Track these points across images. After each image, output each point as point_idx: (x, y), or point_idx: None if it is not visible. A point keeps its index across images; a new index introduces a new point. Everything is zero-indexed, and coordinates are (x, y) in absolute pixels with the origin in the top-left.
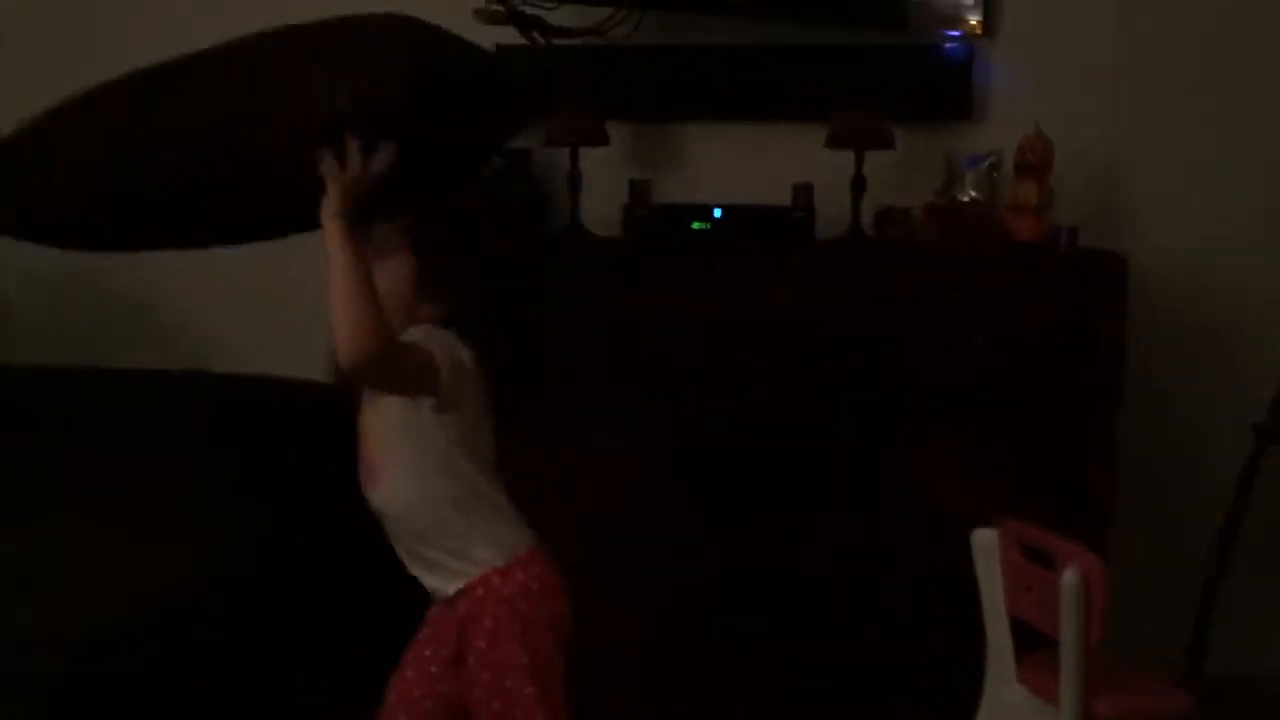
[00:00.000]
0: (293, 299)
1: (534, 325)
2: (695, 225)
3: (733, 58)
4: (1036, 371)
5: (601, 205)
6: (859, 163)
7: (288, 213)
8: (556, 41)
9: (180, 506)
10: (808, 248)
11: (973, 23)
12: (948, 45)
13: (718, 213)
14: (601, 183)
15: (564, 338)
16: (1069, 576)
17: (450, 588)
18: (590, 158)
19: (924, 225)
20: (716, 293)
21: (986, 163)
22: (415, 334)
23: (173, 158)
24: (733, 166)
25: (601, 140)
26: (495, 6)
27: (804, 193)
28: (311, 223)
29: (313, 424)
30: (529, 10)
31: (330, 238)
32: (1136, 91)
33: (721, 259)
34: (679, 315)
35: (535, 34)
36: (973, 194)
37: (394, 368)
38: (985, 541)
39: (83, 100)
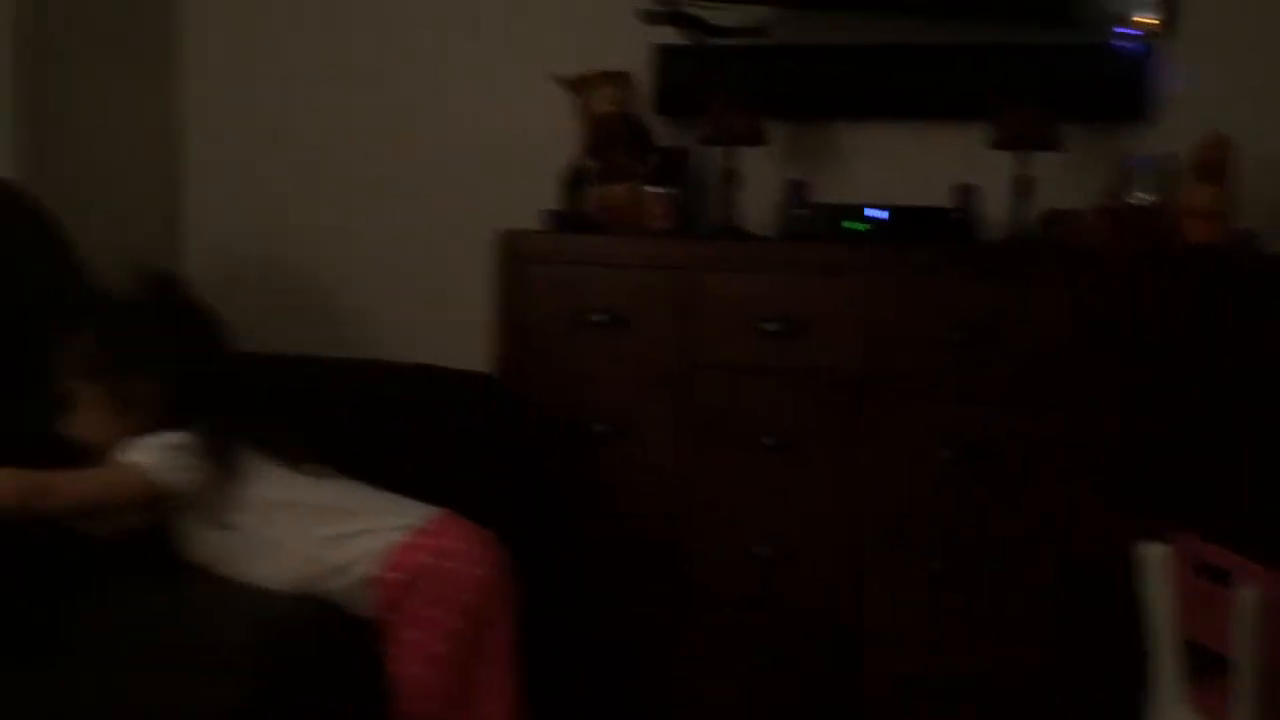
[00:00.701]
0: (453, 295)
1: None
2: (853, 226)
3: (893, 56)
4: (1208, 379)
5: (758, 205)
6: (1024, 164)
7: None
8: (715, 41)
9: None
10: (969, 249)
11: (1148, 20)
12: (1120, 43)
13: (876, 213)
14: (758, 182)
15: (722, 341)
16: (1247, 596)
17: None
18: (747, 157)
19: (1094, 228)
20: (875, 295)
21: (1161, 165)
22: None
23: None
24: (892, 167)
25: (759, 139)
26: (657, 7)
27: (966, 194)
28: None
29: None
30: (690, 10)
31: None
32: None
33: (879, 261)
34: (837, 318)
35: (695, 33)
36: (1146, 197)
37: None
38: (1155, 556)
39: None
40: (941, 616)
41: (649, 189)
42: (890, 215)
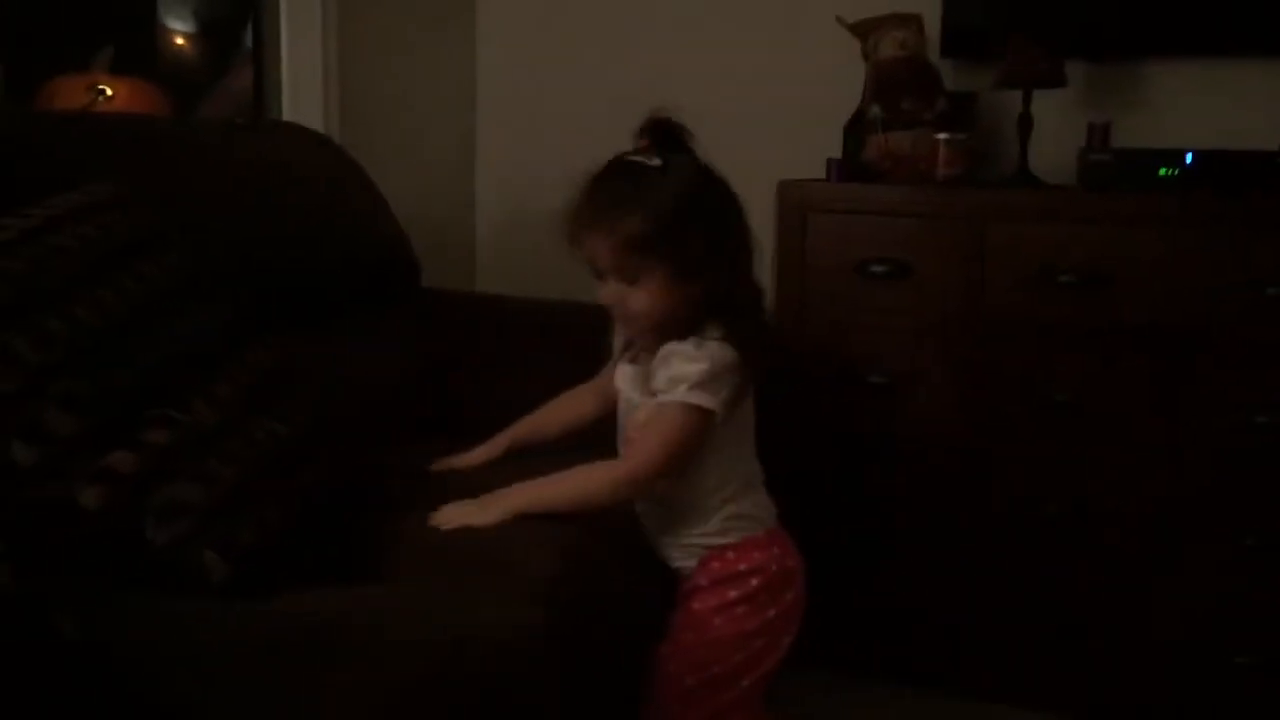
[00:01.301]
0: None
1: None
2: (1163, 172)
3: None
4: None
5: (1054, 151)
6: None
7: None
8: None
9: None
10: None
11: None
12: None
13: (1189, 158)
14: (1054, 127)
15: (1010, 294)
16: None
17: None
18: (1043, 100)
19: None
20: (1187, 246)
21: None
22: (672, 348)
23: None
24: (1206, 109)
25: (1058, 81)
26: None
27: None
28: None
29: None
30: None
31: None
32: None
33: (1194, 210)
34: (1143, 270)
35: None
36: None
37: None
38: None
39: None
40: (1253, 596)
41: (936, 136)
42: (1205, 160)
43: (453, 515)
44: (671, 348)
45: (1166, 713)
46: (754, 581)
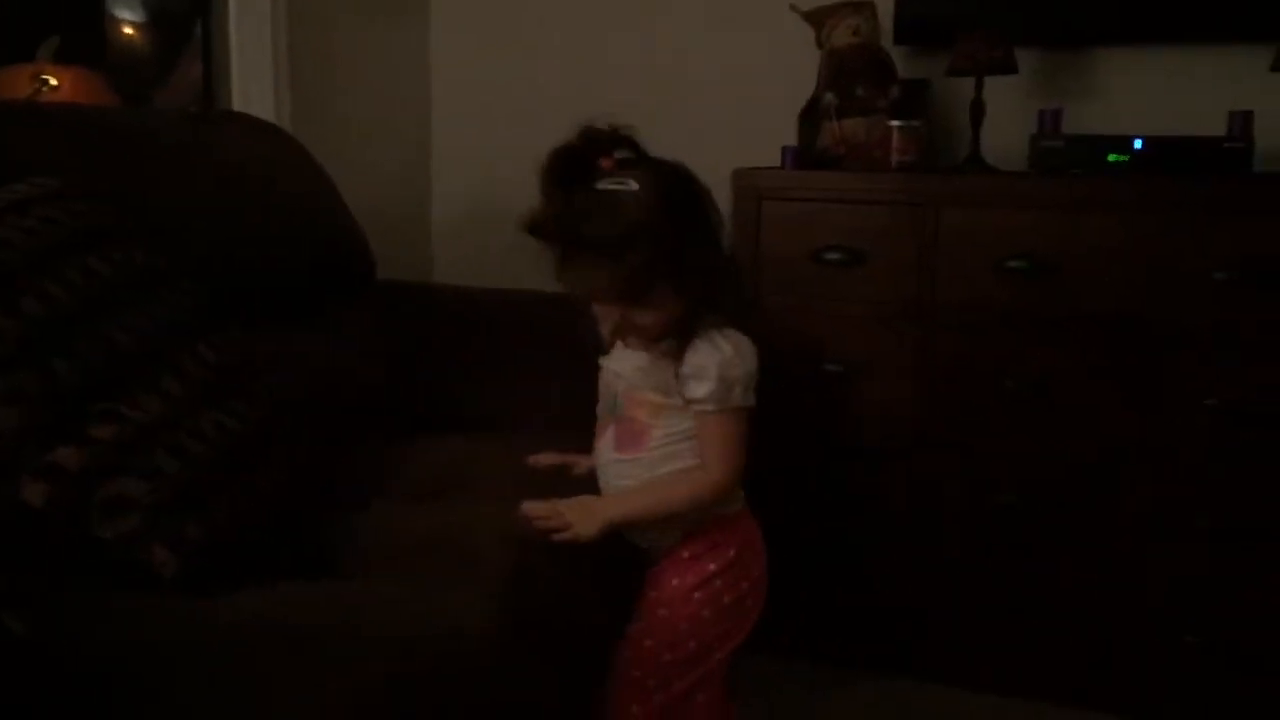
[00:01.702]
0: None
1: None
2: (1112, 157)
3: None
4: None
5: (1005, 138)
6: None
7: None
8: None
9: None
10: (1245, 182)
11: None
12: None
13: (1138, 144)
14: (1006, 114)
15: (964, 280)
16: None
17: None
18: (995, 86)
19: None
20: (1136, 231)
21: None
22: (703, 357)
23: None
24: (1156, 94)
25: (1009, 68)
26: None
27: (1241, 121)
28: None
29: None
30: None
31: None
32: None
33: (1143, 195)
34: (1093, 256)
35: None
36: None
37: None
38: None
39: None
40: (1207, 576)
41: (890, 123)
42: (1154, 146)
43: (545, 514)
44: (703, 358)
45: (1139, 695)
46: (730, 553)
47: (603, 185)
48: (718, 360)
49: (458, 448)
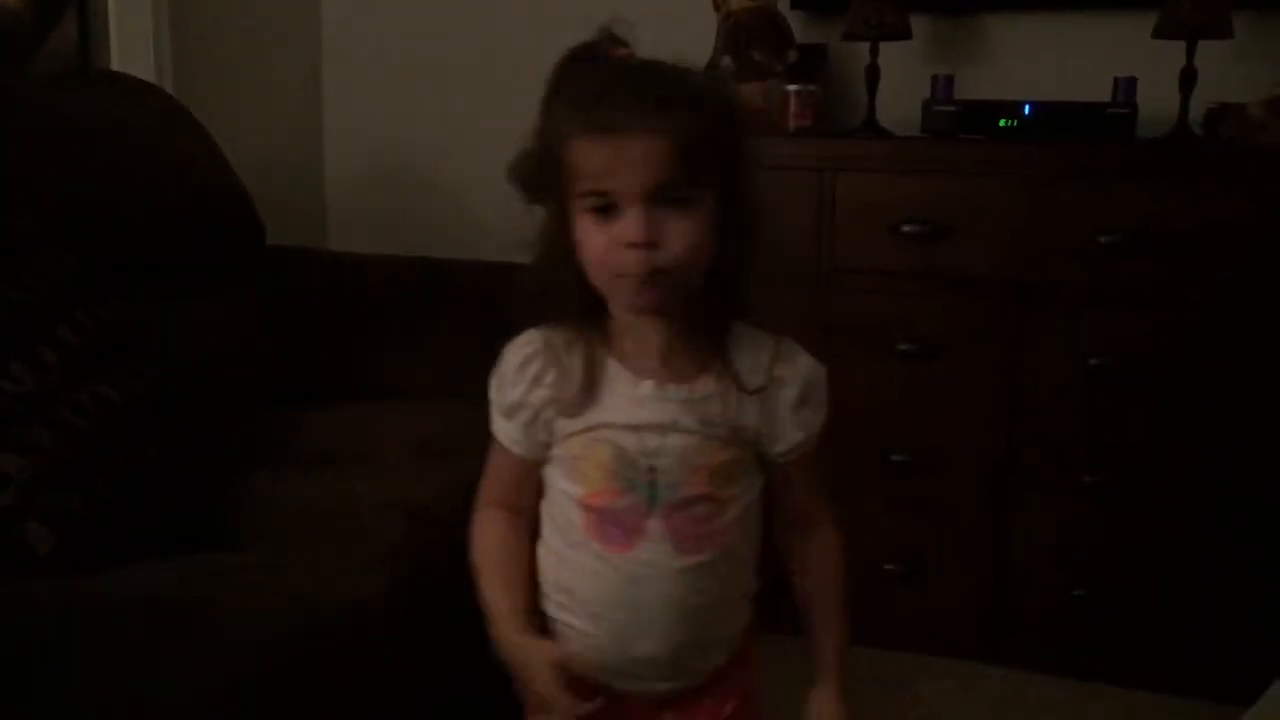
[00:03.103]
0: None
1: None
2: (1002, 123)
3: None
4: None
5: (900, 103)
6: (1190, 54)
7: None
8: None
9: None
10: (1129, 147)
11: None
12: None
13: (1027, 109)
14: (900, 79)
15: (859, 244)
16: None
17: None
18: (889, 52)
19: (1263, 123)
20: (1025, 195)
21: None
22: (805, 363)
23: None
24: (1045, 60)
25: (903, 34)
26: None
27: (1126, 87)
28: None
29: None
30: None
31: None
32: None
33: (1031, 159)
34: (984, 219)
35: None
36: None
37: None
38: None
39: None
40: (1088, 532)
41: (787, 87)
42: (1042, 111)
43: None
44: (807, 365)
45: (1014, 647)
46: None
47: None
48: (821, 370)
49: (351, 416)
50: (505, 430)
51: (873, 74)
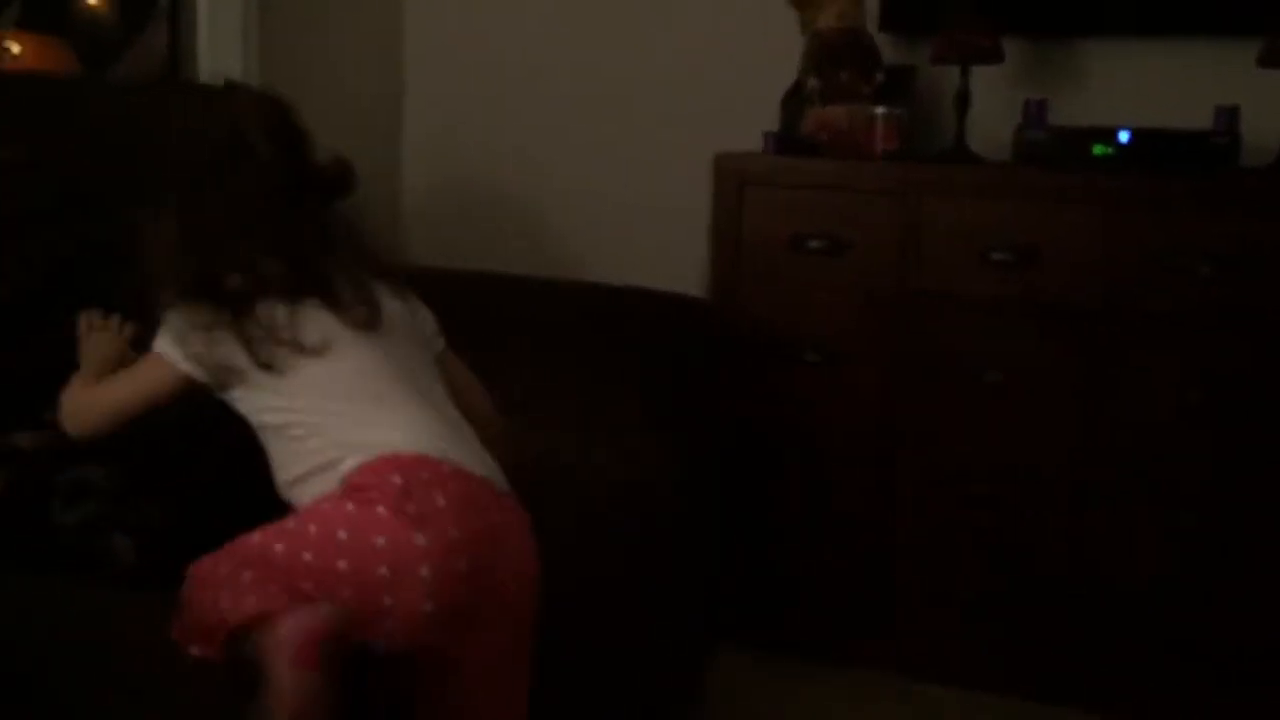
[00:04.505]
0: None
1: None
2: (1097, 150)
3: None
4: None
5: (989, 127)
6: None
7: None
8: None
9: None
10: (1230, 177)
11: None
12: None
13: (1124, 136)
14: (992, 103)
15: (945, 270)
16: None
17: None
18: (980, 76)
19: None
20: (1119, 223)
21: None
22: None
23: None
24: (1143, 88)
25: (995, 57)
26: None
27: (1228, 116)
28: None
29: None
30: None
31: None
32: None
33: (1127, 189)
34: (1075, 247)
35: None
36: None
37: None
38: None
39: None
40: (1185, 574)
41: (874, 109)
42: (1140, 139)
43: None
44: None
45: (1098, 687)
46: None
47: None
48: None
49: None
50: None
51: (962, 98)
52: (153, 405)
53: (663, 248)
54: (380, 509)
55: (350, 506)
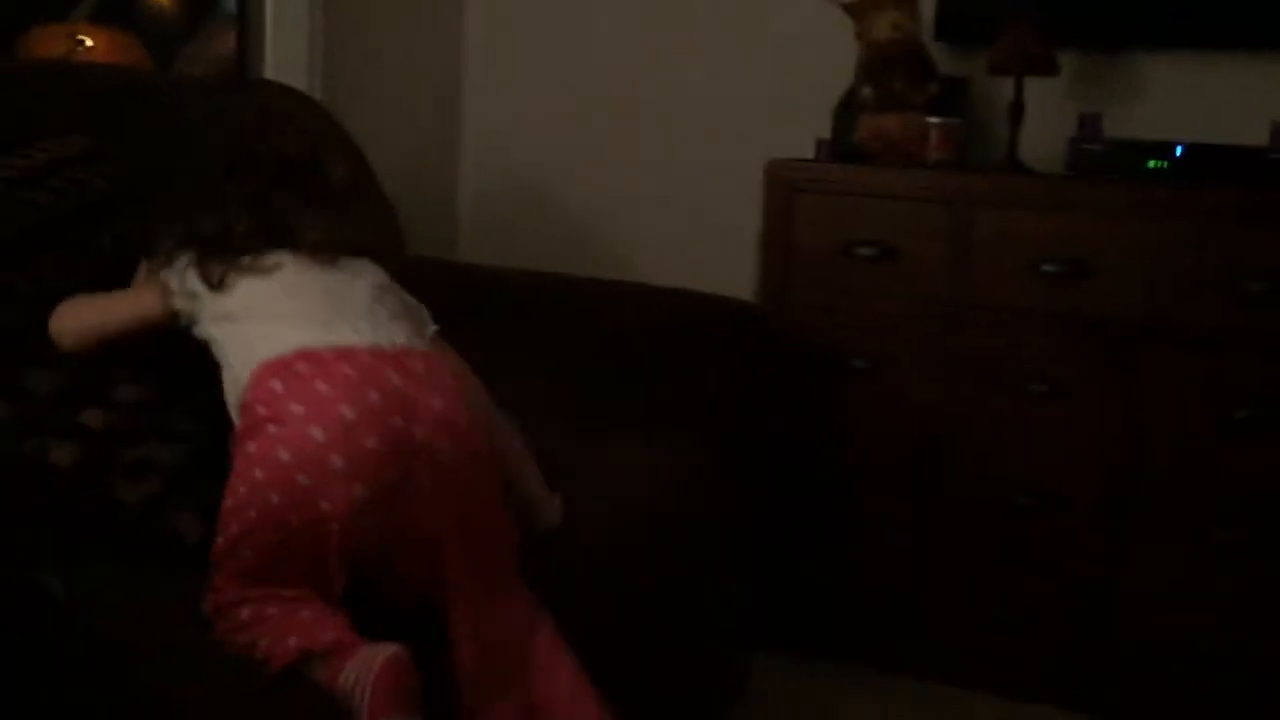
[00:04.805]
0: (721, 224)
1: None
2: (1151, 164)
3: None
4: None
5: (1043, 139)
6: None
7: None
8: None
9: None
10: None
11: None
12: None
13: (1179, 150)
14: (1044, 115)
15: (995, 281)
16: None
17: None
18: (1034, 88)
19: None
20: (1173, 238)
21: None
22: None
23: None
24: (1199, 101)
25: (1050, 69)
26: None
27: None
28: None
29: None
30: None
31: None
32: None
33: (1182, 203)
34: (1128, 261)
35: None
36: None
37: None
38: None
39: None
40: (1219, 591)
41: (927, 119)
42: (1195, 153)
43: None
44: None
45: (1130, 701)
46: None
47: None
48: None
49: None
50: None
51: (1017, 109)
52: (137, 330)
53: (713, 253)
54: (271, 427)
55: (251, 446)
